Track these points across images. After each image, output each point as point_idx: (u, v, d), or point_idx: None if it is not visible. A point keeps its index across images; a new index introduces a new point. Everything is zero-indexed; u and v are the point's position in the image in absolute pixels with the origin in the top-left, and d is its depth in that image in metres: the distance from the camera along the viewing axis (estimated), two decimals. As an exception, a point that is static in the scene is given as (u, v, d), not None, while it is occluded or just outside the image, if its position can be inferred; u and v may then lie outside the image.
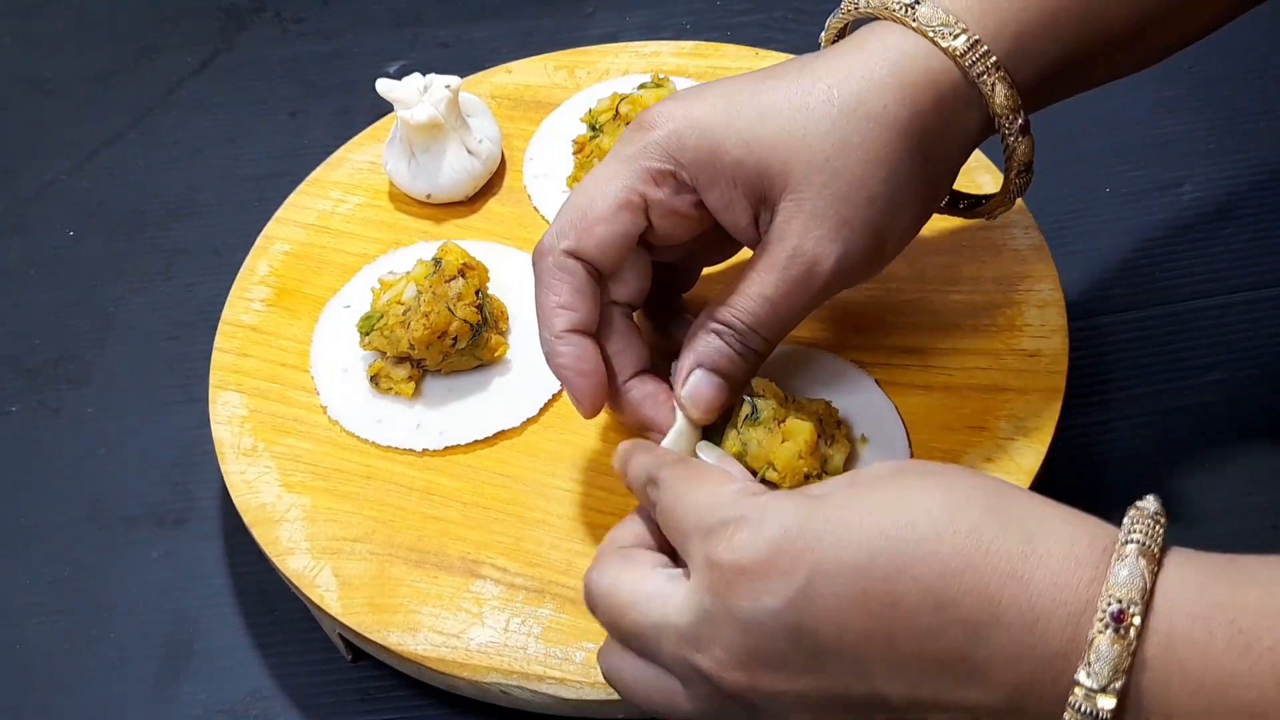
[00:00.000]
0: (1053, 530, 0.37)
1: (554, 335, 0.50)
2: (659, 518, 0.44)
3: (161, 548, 0.63)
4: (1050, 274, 0.61)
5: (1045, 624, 0.36)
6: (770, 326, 0.50)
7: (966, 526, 0.37)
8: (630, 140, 0.50)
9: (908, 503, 0.38)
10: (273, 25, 0.90)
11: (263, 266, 0.66)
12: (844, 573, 0.37)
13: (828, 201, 0.47)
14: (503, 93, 0.73)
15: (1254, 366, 0.65)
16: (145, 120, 0.84)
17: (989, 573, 0.36)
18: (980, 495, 0.38)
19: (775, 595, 0.38)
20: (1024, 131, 0.49)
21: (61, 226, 0.78)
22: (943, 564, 0.37)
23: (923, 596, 0.37)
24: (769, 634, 0.39)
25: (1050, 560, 0.36)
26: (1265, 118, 0.76)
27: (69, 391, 0.70)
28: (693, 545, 0.41)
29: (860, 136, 0.47)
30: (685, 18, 0.86)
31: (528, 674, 0.51)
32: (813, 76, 0.49)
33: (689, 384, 0.50)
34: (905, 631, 0.37)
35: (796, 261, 0.48)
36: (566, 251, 0.50)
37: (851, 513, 0.38)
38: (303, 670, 0.59)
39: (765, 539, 0.39)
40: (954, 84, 0.48)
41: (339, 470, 0.58)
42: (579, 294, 0.50)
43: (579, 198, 0.50)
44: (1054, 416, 0.56)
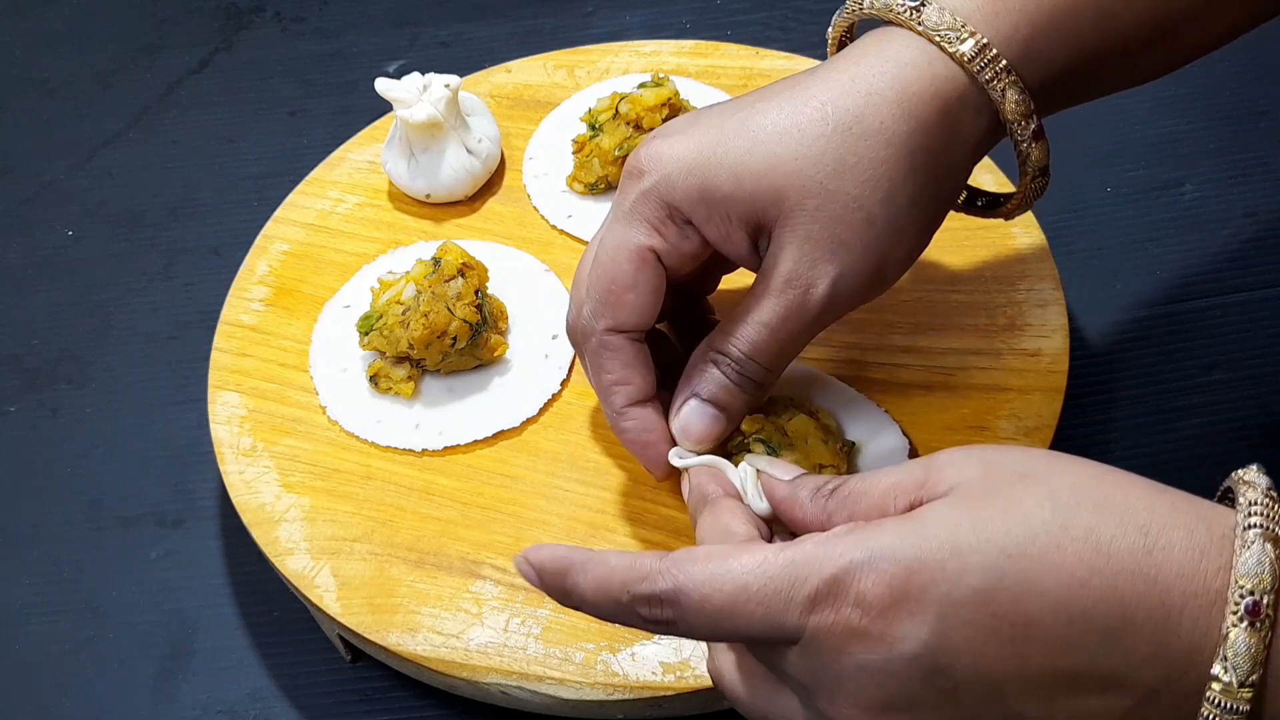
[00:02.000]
0: (1170, 520, 0.36)
1: (615, 411, 0.51)
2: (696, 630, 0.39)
3: (161, 548, 0.63)
4: (1051, 273, 0.61)
5: (1177, 619, 0.35)
6: (768, 354, 0.49)
7: (1083, 530, 0.36)
8: (625, 192, 0.49)
9: (1020, 516, 0.36)
10: (272, 25, 0.90)
11: (262, 266, 0.66)
12: (973, 600, 0.36)
13: (821, 224, 0.46)
14: (502, 92, 0.73)
15: (1254, 366, 0.65)
16: (144, 120, 0.84)
17: (1115, 575, 0.35)
18: (1087, 492, 0.37)
19: (909, 640, 0.36)
20: (1037, 136, 0.48)
21: (61, 226, 0.78)
22: (1069, 575, 0.35)
23: (1054, 612, 0.35)
24: (903, 680, 0.37)
25: (1174, 552, 0.35)
26: (1265, 118, 0.76)
27: (68, 391, 0.70)
28: (791, 620, 0.38)
29: (856, 156, 0.46)
30: (685, 17, 0.86)
31: (527, 674, 0.51)
32: (806, 94, 0.47)
33: (681, 414, 0.50)
34: (1039, 650, 0.36)
35: (791, 287, 0.47)
36: (607, 330, 0.50)
37: (965, 533, 0.36)
38: (302, 671, 0.59)
39: (888, 582, 0.36)
40: (960, 91, 0.47)
41: (338, 470, 0.58)
42: (629, 367, 0.50)
43: (599, 270, 0.50)
44: (1055, 416, 0.56)
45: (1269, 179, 0.73)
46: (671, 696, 0.50)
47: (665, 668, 0.50)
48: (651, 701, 0.50)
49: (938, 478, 0.39)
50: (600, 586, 0.40)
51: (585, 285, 0.50)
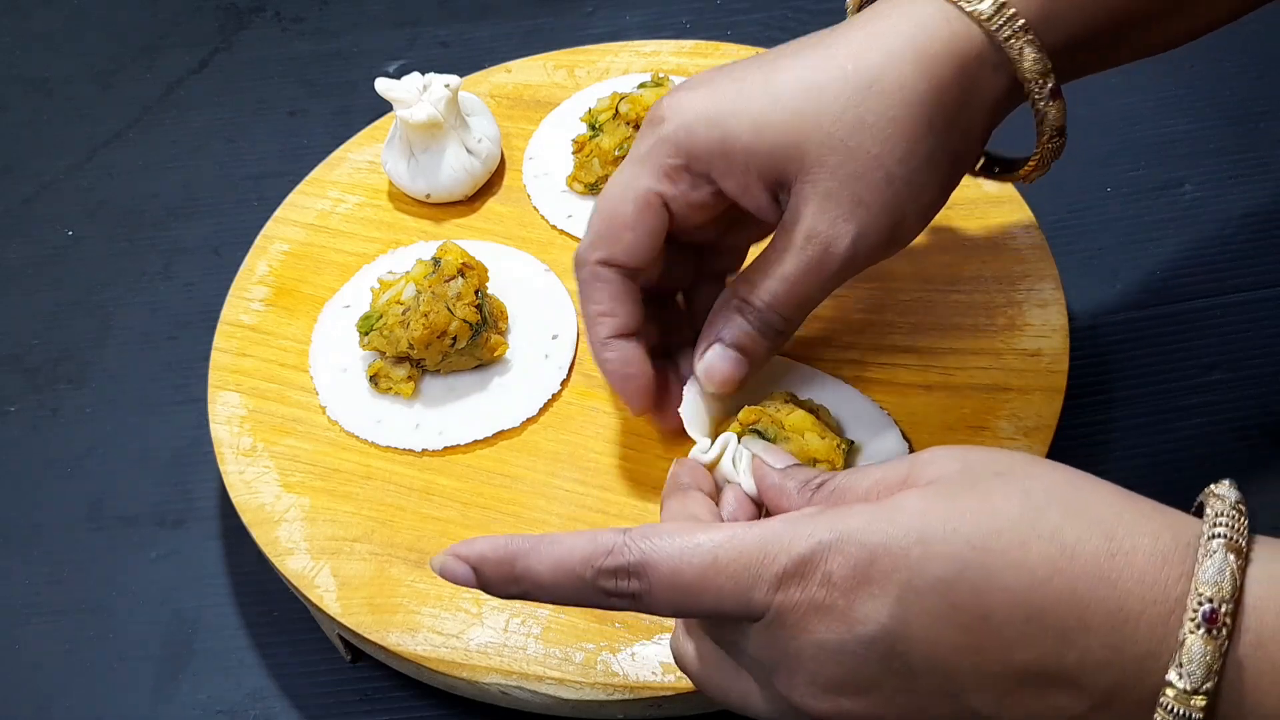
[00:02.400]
0: (1135, 526, 0.36)
1: (598, 341, 0.52)
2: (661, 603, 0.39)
3: (161, 548, 0.63)
4: (1051, 273, 0.61)
5: (1134, 625, 0.35)
6: (789, 307, 0.49)
7: (1050, 530, 0.36)
8: (644, 137, 0.50)
9: (990, 510, 0.37)
10: (272, 25, 0.90)
11: (262, 266, 0.66)
12: (935, 588, 0.36)
13: (841, 181, 0.47)
14: (502, 92, 0.73)
15: (1254, 366, 0.65)
16: (144, 120, 0.84)
17: (1076, 577, 0.36)
18: (1059, 493, 0.37)
19: (868, 622, 0.37)
20: (1054, 95, 0.48)
21: (60, 226, 0.78)
22: (1030, 572, 0.36)
23: (1012, 608, 0.36)
24: (861, 660, 0.37)
25: (1136, 558, 0.36)
26: (1265, 118, 0.76)
27: (68, 391, 0.70)
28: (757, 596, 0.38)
29: (875, 114, 0.46)
30: (685, 16, 0.86)
31: (527, 674, 0.51)
32: (827, 52, 0.48)
33: (706, 357, 0.50)
34: (994, 643, 0.36)
35: (812, 243, 0.48)
36: (599, 261, 0.51)
37: (933, 522, 0.37)
38: (302, 670, 0.59)
39: (853, 564, 0.37)
40: (978, 50, 0.47)
41: (338, 470, 0.58)
42: (616, 300, 0.51)
43: (604, 205, 0.51)
44: (1055, 416, 0.56)
45: (1269, 179, 0.73)
46: (671, 696, 0.50)
47: (665, 668, 0.50)
48: (651, 701, 0.50)
49: (919, 474, 0.39)
50: (559, 565, 0.40)
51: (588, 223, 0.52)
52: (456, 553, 0.41)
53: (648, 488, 0.56)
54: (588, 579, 0.39)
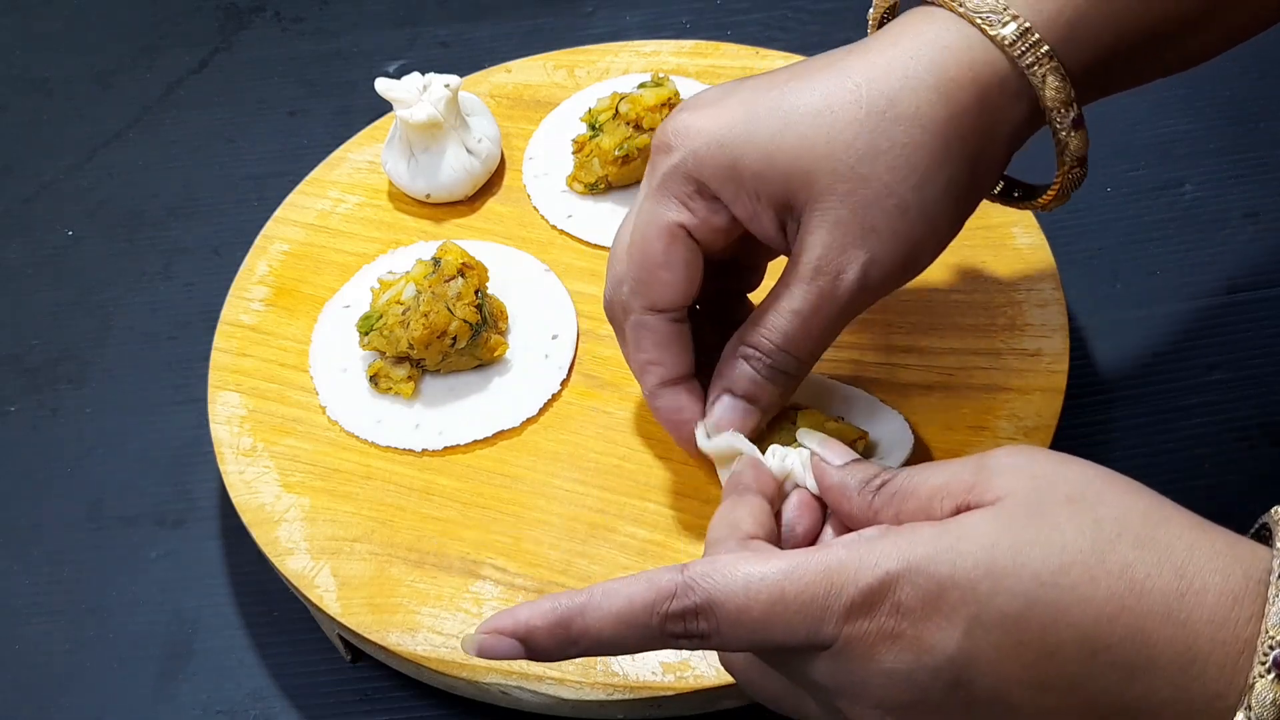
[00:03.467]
0: (1206, 562, 0.36)
1: (648, 390, 0.51)
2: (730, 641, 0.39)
3: (161, 548, 0.63)
4: (1051, 273, 0.61)
5: (1202, 665, 0.35)
6: (800, 344, 0.48)
7: (1119, 565, 0.36)
8: (654, 168, 0.49)
9: (1059, 543, 0.36)
10: (272, 24, 0.90)
11: (262, 266, 0.66)
12: (1002, 624, 0.36)
13: (851, 210, 0.46)
14: (502, 92, 0.73)
15: (1254, 366, 0.65)
16: (144, 120, 0.84)
17: (1144, 615, 0.35)
18: (1131, 524, 0.36)
19: (934, 654, 0.37)
20: (1077, 125, 0.47)
21: (60, 226, 0.78)
22: (1098, 609, 0.35)
23: (1079, 644, 0.35)
24: (925, 688, 0.37)
25: (1206, 597, 0.35)
26: (1265, 118, 0.76)
27: (68, 391, 0.70)
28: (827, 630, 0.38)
29: (889, 140, 0.45)
30: (685, 16, 0.86)
31: (527, 674, 0.51)
32: (841, 75, 0.46)
33: (715, 410, 0.50)
34: (1059, 679, 0.36)
35: (821, 274, 0.46)
36: (644, 309, 0.50)
37: (1002, 554, 0.36)
38: (302, 671, 0.59)
39: (921, 597, 0.36)
40: (1000, 76, 0.46)
41: (338, 470, 0.58)
42: (662, 348, 0.50)
43: (632, 247, 0.49)
44: (1055, 416, 0.56)
45: (1269, 179, 0.73)
46: (671, 696, 0.50)
47: (665, 668, 0.50)
48: (651, 701, 0.50)
49: (986, 484, 0.38)
50: (621, 619, 0.39)
51: (622, 262, 0.50)
52: (497, 628, 0.39)
53: (648, 488, 0.56)
54: (654, 625, 0.39)
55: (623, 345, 0.52)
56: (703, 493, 0.56)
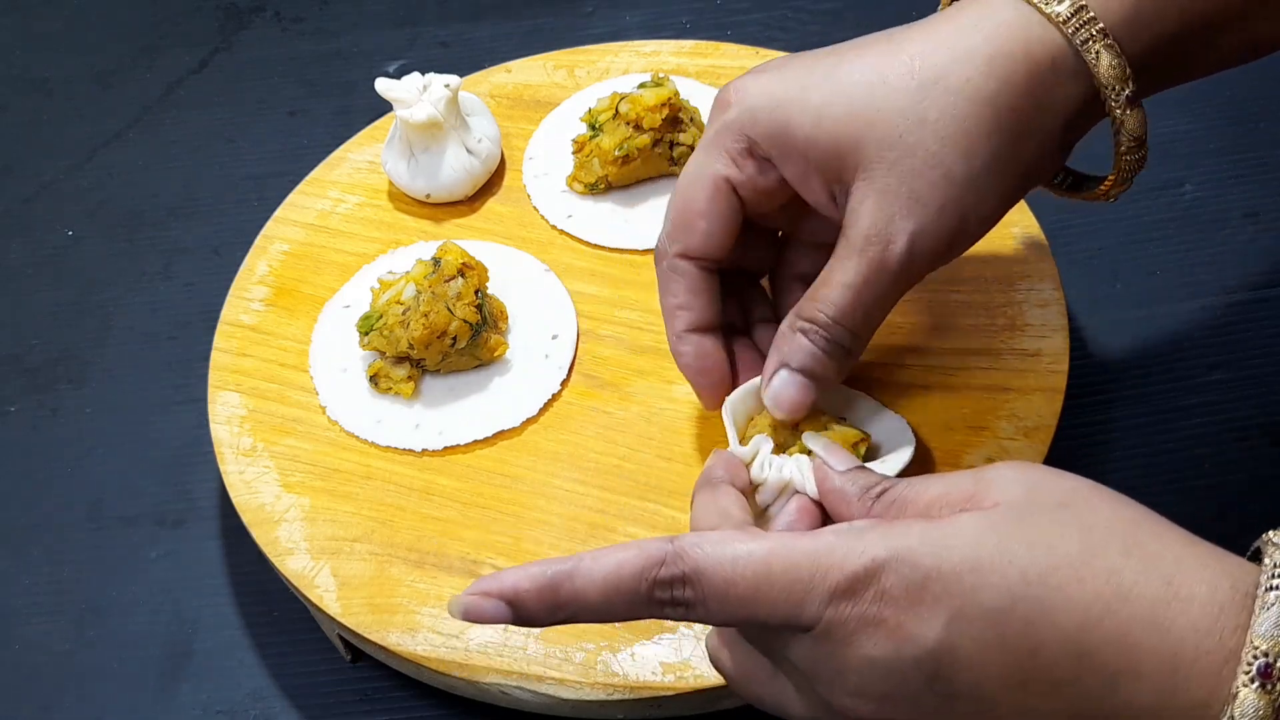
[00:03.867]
0: (1193, 572, 0.36)
1: (675, 335, 0.52)
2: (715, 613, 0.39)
3: (161, 548, 0.63)
4: (1051, 273, 0.61)
5: (1186, 674, 0.35)
6: (854, 317, 0.48)
7: (1106, 570, 0.36)
8: (711, 122, 0.50)
9: (1048, 544, 0.36)
10: (272, 24, 0.90)
11: (262, 266, 0.66)
12: (985, 617, 0.36)
13: (899, 178, 0.46)
14: (502, 92, 0.73)
15: (1254, 366, 0.65)
16: (144, 120, 0.84)
17: (1129, 620, 0.35)
18: (1120, 531, 0.37)
19: (915, 644, 0.37)
20: (1132, 103, 0.47)
21: (60, 226, 0.78)
22: (1083, 611, 0.35)
23: (1062, 645, 0.36)
24: (905, 678, 0.37)
25: (1192, 606, 0.35)
26: (1265, 118, 0.76)
27: (68, 391, 0.70)
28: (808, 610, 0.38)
29: (938, 111, 0.45)
30: (685, 16, 0.86)
31: (527, 674, 0.51)
32: (896, 47, 0.47)
33: (773, 385, 0.49)
34: (1040, 678, 0.36)
35: (871, 245, 0.46)
36: (678, 254, 0.51)
37: (988, 551, 0.37)
38: (302, 671, 0.59)
39: (905, 586, 0.37)
40: (1053, 54, 0.46)
41: (338, 470, 0.58)
42: (692, 293, 0.51)
43: (677, 194, 0.51)
44: (1055, 416, 0.56)
45: (1269, 179, 0.73)
46: (671, 696, 0.50)
47: (665, 668, 0.50)
48: (651, 702, 0.50)
49: (984, 493, 0.39)
50: (609, 583, 0.39)
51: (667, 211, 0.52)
52: (484, 589, 0.39)
53: (648, 488, 0.56)
54: (641, 592, 0.39)
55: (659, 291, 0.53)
56: (703, 493, 0.55)
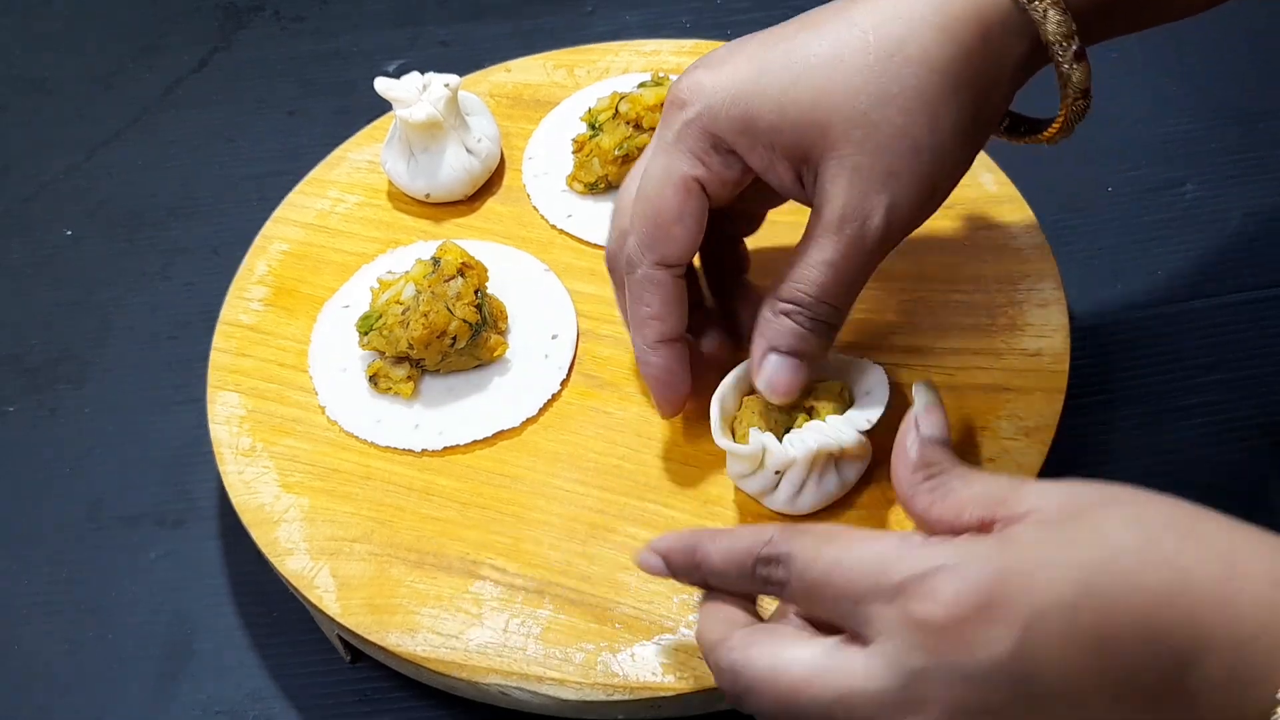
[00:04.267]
0: (1250, 552, 0.37)
1: (646, 345, 0.52)
2: (799, 594, 0.41)
3: (160, 548, 0.63)
4: (1051, 273, 0.61)
5: (1251, 648, 0.35)
6: (836, 293, 0.49)
7: (1166, 555, 0.36)
8: (668, 123, 0.50)
9: (1105, 536, 0.37)
10: (271, 24, 0.90)
11: (261, 266, 0.66)
12: (1060, 611, 0.36)
13: (869, 155, 0.46)
14: (502, 91, 0.73)
15: (1254, 367, 0.64)
16: (143, 119, 0.84)
17: (1195, 601, 0.36)
18: (1172, 519, 0.37)
19: (999, 643, 0.37)
20: (1079, 58, 0.47)
21: (60, 226, 0.78)
22: (1151, 595, 0.36)
23: (1136, 629, 0.36)
24: (992, 686, 0.37)
25: (1253, 583, 0.36)
26: (1265, 118, 0.76)
27: (67, 391, 0.70)
28: (874, 609, 0.39)
29: (899, 84, 0.46)
30: (685, 16, 0.86)
31: (527, 675, 0.51)
32: (848, 22, 0.47)
33: (765, 370, 0.50)
34: (1118, 666, 0.36)
35: (848, 223, 0.47)
36: (655, 264, 0.50)
37: (1052, 549, 0.37)
38: (301, 671, 0.59)
39: (976, 586, 0.37)
40: (1001, 13, 0.46)
41: (337, 470, 0.58)
42: (668, 304, 0.51)
43: (644, 200, 0.50)
44: (1055, 416, 0.56)
45: (1269, 179, 0.73)
46: (671, 697, 0.50)
47: (665, 668, 0.50)
48: (651, 702, 0.50)
49: (1016, 499, 0.39)
50: (729, 555, 0.43)
51: (629, 215, 0.51)
52: (653, 547, 0.45)
53: (648, 488, 0.56)
54: (749, 566, 0.42)
55: (620, 297, 0.53)
56: (703, 493, 0.56)
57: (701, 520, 0.54)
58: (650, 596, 0.52)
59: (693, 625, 0.51)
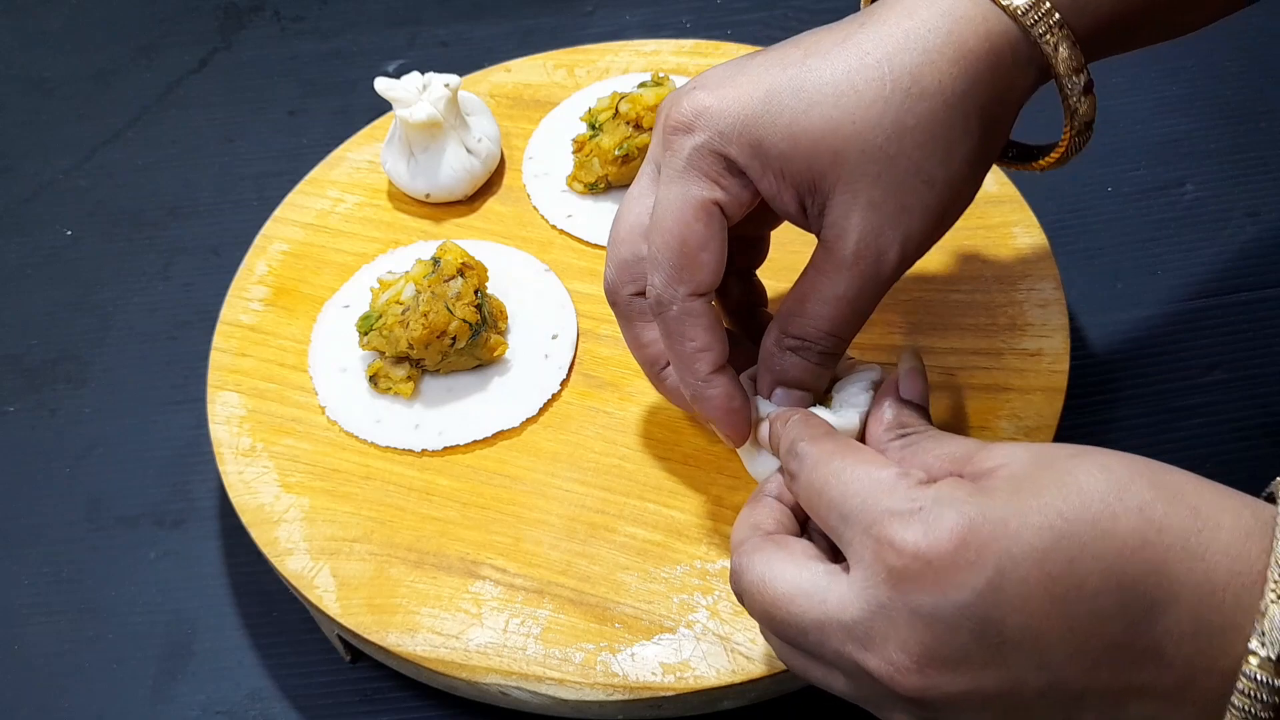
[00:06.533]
0: (1218, 503, 0.37)
1: (699, 379, 0.50)
2: (800, 493, 0.43)
3: (160, 548, 0.63)
4: (1052, 273, 0.61)
5: (1220, 597, 0.36)
6: (846, 326, 0.49)
7: (1136, 504, 0.37)
8: (675, 149, 0.48)
9: (1076, 485, 0.38)
10: (271, 24, 0.90)
11: (261, 266, 0.66)
12: (1030, 557, 0.37)
13: (884, 190, 0.46)
14: (502, 91, 0.73)
15: (1254, 366, 0.65)
16: (143, 119, 0.84)
17: (1164, 549, 0.36)
18: (1139, 469, 0.38)
19: (964, 588, 0.37)
20: (1087, 91, 0.47)
21: (60, 226, 0.78)
22: (1121, 542, 0.36)
23: (1104, 577, 0.36)
24: (954, 629, 0.38)
25: (1221, 534, 0.36)
26: (1265, 118, 0.76)
27: (67, 391, 0.70)
28: (854, 534, 0.40)
29: (915, 118, 0.45)
30: (685, 16, 0.86)
31: (527, 675, 0.51)
32: (859, 50, 0.46)
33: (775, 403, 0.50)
34: (1085, 613, 0.37)
35: (862, 259, 0.47)
36: (689, 296, 0.49)
37: (1026, 497, 0.38)
38: (301, 671, 0.59)
39: (949, 530, 0.38)
40: (1012, 45, 0.46)
41: (337, 470, 0.58)
42: (710, 332, 0.49)
43: (665, 236, 0.48)
44: (1055, 416, 0.56)
45: (1269, 179, 0.73)
46: (671, 697, 0.50)
47: (665, 668, 0.50)
48: (651, 702, 0.50)
49: (985, 455, 0.41)
50: (775, 435, 0.47)
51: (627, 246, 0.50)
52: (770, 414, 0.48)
53: (648, 488, 0.56)
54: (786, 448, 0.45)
55: (627, 331, 0.52)
56: (703, 493, 0.56)
57: (703, 520, 0.55)
58: (650, 596, 0.52)
59: (693, 626, 0.51)
